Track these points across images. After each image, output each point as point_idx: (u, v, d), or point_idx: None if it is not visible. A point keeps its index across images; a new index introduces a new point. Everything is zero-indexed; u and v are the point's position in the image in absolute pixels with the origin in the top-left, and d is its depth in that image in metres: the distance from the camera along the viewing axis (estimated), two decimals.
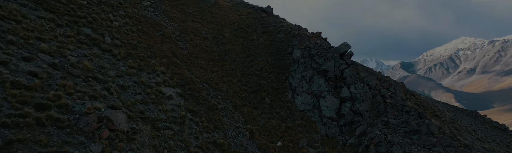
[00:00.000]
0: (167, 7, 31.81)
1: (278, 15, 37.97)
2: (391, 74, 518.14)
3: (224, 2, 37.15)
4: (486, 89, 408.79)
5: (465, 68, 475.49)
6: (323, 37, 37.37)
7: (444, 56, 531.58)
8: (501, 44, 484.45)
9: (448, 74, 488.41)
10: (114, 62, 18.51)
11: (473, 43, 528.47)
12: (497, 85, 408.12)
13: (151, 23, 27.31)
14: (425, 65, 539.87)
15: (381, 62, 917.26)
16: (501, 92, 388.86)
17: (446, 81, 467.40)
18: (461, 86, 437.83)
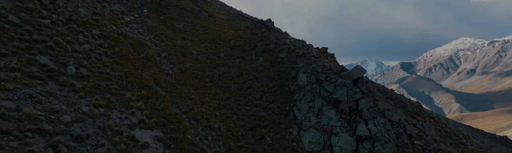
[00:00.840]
0: (154, 22, 27.53)
1: (279, 28, 33.68)
2: (391, 75, 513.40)
3: (220, 15, 32.83)
4: (486, 90, 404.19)
5: (465, 69, 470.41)
6: (329, 53, 33.03)
7: (444, 56, 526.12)
8: (501, 44, 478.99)
9: (448, 75, 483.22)
10: (74, 101, 14.28)
11: (473, 44, 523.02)
12: (497, 86, 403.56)
13: (132, 44, 23.00)
14: (425, 65, 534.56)
15: (381, 62, 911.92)
16: (501, 93, 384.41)
17: (446, 82, 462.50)
18: (461, 86, 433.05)
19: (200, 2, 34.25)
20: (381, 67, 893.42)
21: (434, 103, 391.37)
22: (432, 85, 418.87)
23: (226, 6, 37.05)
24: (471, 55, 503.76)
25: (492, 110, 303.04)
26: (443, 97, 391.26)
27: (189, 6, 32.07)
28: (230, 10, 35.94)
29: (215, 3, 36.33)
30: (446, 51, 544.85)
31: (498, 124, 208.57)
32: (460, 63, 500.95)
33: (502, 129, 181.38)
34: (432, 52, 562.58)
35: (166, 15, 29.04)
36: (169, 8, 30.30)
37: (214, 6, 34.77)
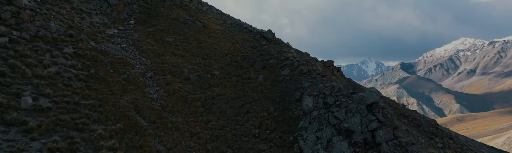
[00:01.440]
0: (141, 35, 24.27)
1: (279, 39, 30.34)
2: (391, 75, 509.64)
3: (215, 25, 29.51)
4: (487, 91, 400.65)
5: (465, 69, 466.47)
6: (335, 66, 29.74)
7: (444, 57, 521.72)
8: (501, 45, 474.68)
9: (448, 75, 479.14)
10: (21, 147, 11.15)
11: (473, 44, 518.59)
12: (498, 87, 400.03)
13: (113, 62, 19.73)
14: (425, 66, 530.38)
15: (381, 63, 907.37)
16: (502, 94, 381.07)
17: (446, 82, 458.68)
18: (461, 87, 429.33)
19: (194, 11, 30.97)
20: (381, 67, 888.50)
21: (434, 103, 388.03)
22: (432, 86, 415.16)
23: (222, 15, 33.70)
24: (471, 55, 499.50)
25: (492, 111, 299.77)
26: (443, 98, 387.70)
27: (182, 16, 28.78)
28: (227, 19, 32.60)
29: (211, 11, 33.00)
30: (446, 51, 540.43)
31: (498, 125, 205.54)
32: (460, 63, 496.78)
33: (502, 130, 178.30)
34: (432, 53, 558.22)
35: (155, 27, 25.75)
36: (159, 19, 27.04)
37: (209, 15, 31.44)
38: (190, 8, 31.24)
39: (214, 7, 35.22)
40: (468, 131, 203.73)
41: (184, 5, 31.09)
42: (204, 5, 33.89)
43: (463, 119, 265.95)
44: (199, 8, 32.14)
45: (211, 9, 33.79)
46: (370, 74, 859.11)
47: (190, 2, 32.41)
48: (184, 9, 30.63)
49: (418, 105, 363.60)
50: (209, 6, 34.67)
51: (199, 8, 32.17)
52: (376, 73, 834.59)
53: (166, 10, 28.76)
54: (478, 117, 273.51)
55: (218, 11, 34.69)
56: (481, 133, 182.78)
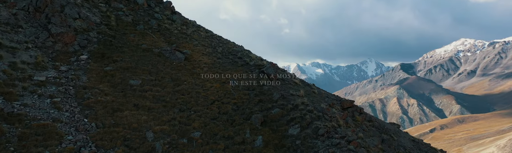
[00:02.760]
0: (93, 78, 16.86)
1: (284, 70, 22.83)
2: (391, 76, 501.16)
3: (202, 56, 21.97)
4: (487, 92, 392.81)
5: (466, 70, 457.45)
6: (357, 106, 22.40)
7: (444, 57, 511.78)
8: (501, 45, 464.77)
9: (448, 76, 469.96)
10: None
11: (473, 45, 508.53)
12: (498, 88, 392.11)
13: (26, 136, 12.38)
14: (425, 66, 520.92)
15: (381, 63, 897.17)
16: (502, 95, 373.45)
17: (447, 83, 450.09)
18: (462, 88, 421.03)
19: (176, 36, 23.49)
20: (381, 68, 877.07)
21: (434, 104, 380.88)
22: (432, 87, 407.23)
23: (212, 39, 26.19)
24: (471, 56, 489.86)
25: (493, 112, 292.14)
26: (444, 99, 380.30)
27: (158, 45, 21.26)
28: (218, 45, 25.15)
29: (198, 35, 25.45)
30: (446, 52, 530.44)
31: (499, 126, 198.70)
32: (460, 64, 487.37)
33: (504, 131, 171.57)
34: (432, 53, 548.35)
35: (117, 64, 18.29)
36: (125, 51, 19.58)
37: (195, 41, 23.95)
38: (171, 32, 23.80)
39: (202, 28, 27.80)
40: (469, 133, 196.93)
41: (163, 29, 23.63)
42: (189, 27, 26.44)
43: (464, 120, 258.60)
44: (183, 31, 24.68)
45: (198, 32, 26.32)
46: (370, 74, 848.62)
47: (171, 23, 25.01)
48: (163, 34, 23.17)
49: (418, 106, 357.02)
50: (196, 27, 27.26)
51: (183, 31, 24.73)
52: (376, 73, 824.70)
53: (137, 37, 21.28)
54: (479, 119, 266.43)
55: (207, 33, 27.24)
56: (482, 135, 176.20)
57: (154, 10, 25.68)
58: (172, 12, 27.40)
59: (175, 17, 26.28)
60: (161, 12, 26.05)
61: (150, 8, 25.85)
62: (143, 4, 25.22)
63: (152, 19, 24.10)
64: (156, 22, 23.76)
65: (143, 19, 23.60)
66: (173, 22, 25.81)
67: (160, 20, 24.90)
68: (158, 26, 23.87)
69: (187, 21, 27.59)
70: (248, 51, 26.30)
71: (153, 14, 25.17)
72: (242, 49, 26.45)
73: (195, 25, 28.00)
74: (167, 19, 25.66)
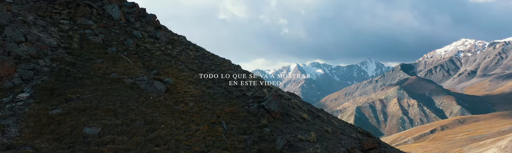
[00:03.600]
0: (31, 126, 12.32)
1: (290, 109, 18.19)
2: (391, 76, 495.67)
3: (188, 86, 17.29)
4: (488, 92, 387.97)
5: (466, 70, 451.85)
6: (379, 148, 17.92)
7: (445, 58, 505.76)
8: (501, 46, 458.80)
9: (449, 76, 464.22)
10: None
11: (473, 45, 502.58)
12: (499, 88, 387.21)
13: None
14: (425, 67, 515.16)
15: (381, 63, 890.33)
16: (502, 95, 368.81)
17: (447, 84, 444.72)
18: (462, 88, 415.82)
19: (158, 58, 18.73)
20: (381, 68, 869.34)
21: (435, 105, 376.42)
22: (433, 87, 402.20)
23: (204, 59, 21.49)
24: (472, 56, 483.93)
25: (494, 113, 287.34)
26: (444, 99, 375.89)
27: (133, 73, 16.63)
28: (210, 68, 20.49)
29: (186, 55, 20.64)
30: (446, 52, 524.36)
31: (500, 127, 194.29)
32: (460, 64, 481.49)
33: (504, 132, 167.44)
34: (433, 54, 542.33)
35: (70, 103, 13.70)
36: (86, 83, 15.04)
37: (182, 65, 19.21)
38: (152, 54, 19.18)
39: (192, 45, 23.13)
40: (469, 133, 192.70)
41: (142, 50, 19.03)
42: (176, 45, 21.78)
43: (464, 121, 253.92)
44: (167, 52, 20.01)
45: (187, 51, 21.67)
46: (370, 75, 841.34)
47: (154, 42, 20.39)
48: (142, 57, 18.56)
49: (418, 106, 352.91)
50: (184, 45, 22.61)
51: (167, 52, 20.07)
52: (376, 74, 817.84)
53: (106, 63, 16.70)
54: (479, 119, 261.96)
55: (198, 51, 22.52)
56: (483, 136, 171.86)
57: (134, 26, 21.16)
58: (156, 27, 22.89)
59: (159, 33, 21.74)
60: (142, 28, 21.53)
61: (129, 23, 21.34)
62: (120, 19, 20.71)
63: (129, 38, 19.55)
64: (134, 42, 19.18)
65: (118, 39, 19.04)
66: (157, 40, 21.28)
67: (140, 38, 20.37)
68: (136, 47, 19.30)
69: (174, 38, 22.95)
70: (246, 75, 21.79)
71: (132, 31, 20.64)
72: (238, 71, 21.91)
73: (184, 42, 23.39)
74: (149, 37, 21.12)
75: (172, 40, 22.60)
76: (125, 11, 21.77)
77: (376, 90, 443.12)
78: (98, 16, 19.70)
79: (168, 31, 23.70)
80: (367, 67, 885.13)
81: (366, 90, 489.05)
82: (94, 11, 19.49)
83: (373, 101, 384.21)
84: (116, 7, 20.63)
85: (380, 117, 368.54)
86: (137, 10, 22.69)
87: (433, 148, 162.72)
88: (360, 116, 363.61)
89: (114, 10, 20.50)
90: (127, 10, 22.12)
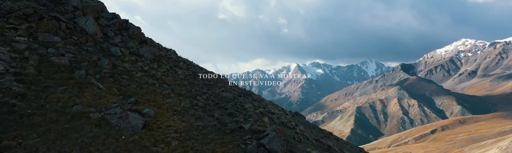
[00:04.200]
0: None
1: (297, 130, 14.86)
2: (391, 76, 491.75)
3: (171, 118, 13.73)
4: (488, 92, 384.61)
5: (466, 71, 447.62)
6: None
7: (445, 58, 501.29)
8: (502, 46, 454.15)
9: (449, 76, 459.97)
10: None
11: (474, 45, 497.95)
12: (499, 88, 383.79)
13: None
14: (425, 67, 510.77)
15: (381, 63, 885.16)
16: (503, 95, 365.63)
17: (447, 84, 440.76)
18: (462, 88, 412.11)
19: (140, 82, 15.26)
20: (381, 68, 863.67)
21: (435, 105, 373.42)
22: (433, 87, 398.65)
23: (194, 79, 17.96)
24: (472, 56, 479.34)
25: (495, 113, 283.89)
26: (444, 99, 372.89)
27: (103, 104, 13.26)
28: (201, 90, 16.97)
29: (174, 75, 16.89)
30: (447, 52, 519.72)
31: (501, 127, 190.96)
32: (461, 64, 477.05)
33: (505, 132, 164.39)
34: (433, 54, 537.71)
35: None
36: (36, 122, 11.55)
37: (167, 89, 15.44)
38: (131, 76, 15.72)
39: (182, 61, 19.60)
40: (470, 134, 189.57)
41: (119, 72, 15.60)
42: (163, 63, 18.29)
43: (465, 122, 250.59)
44: (151, 72, 16.56)
45: (175, 69, 18.17)
46: (370, 75, 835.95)
47: (136, 61, 16.90)
48: (118, 81, 15.11)
49: (419, 106, 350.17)
50: (173, 62, 19.12)
51: (151, 72, 16.62)
52: (377, 74, 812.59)
53: (68, 92, 13.33)
54: (480, 120, 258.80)
55: (188, 69, 18.98)
56: (483, 136, 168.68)
57: (112, 41, 17.75)
58: (140, 42, 19.50)
59: (143, 50, 18.34)
60: (123, 44, 18.13)
61: (107, 39, 17.95)
62: (95, 33, 17.33)
63: (104, 57, 16.17)
64: (110, 62, 15.80)
65: (90, 59, 15.66)
66: (139, 58, 17.90)
67: (119, 57, 16.97)
68: (112, 67, 15.91)
69: (161, 54, 19.48)
70: (244, 97, 18.38)
71: (109, 48, 17.26)
72: (235, 93, 18.50)
73: (173, 58, 19.95)
74: (130, 54, 17.73)
75: (159, 56, 19.19)
76: (103, 23, 18.38)
77: (377, 90, 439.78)
78: (67, 31, 16.31)
79: (154, 46, 20.31)
80: (367, 67, 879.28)
81: (366, 90, 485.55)
82: (63, 25, 16.09)
83: (373, 101, 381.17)
84: (91, 19, 17.26)
85: (380, 117, 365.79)
86: (118, 22, 19.31)
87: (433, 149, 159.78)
88: (360, 116, 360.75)
89: (88, 23, 17.13)
90: (106, 23, 18.73)
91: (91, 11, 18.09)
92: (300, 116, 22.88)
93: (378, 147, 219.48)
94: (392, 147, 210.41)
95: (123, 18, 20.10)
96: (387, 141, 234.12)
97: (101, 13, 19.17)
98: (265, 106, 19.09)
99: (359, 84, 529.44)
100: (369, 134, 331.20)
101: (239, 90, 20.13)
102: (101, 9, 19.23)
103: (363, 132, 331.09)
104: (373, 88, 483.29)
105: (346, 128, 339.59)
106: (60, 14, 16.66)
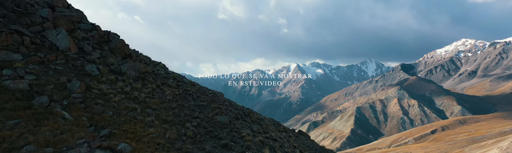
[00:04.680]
0: None
1: None
2: (391, 76, 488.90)
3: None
4: (488, 92, 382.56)
5: (466, 71, 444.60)
6: None
7: (445, 58, 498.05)
8: (502, 46, 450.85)
9: (449, 77, 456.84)
10: None
11: (474, 45, 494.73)
12: (499, 88, 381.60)
13: None
14: (425, 67, 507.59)
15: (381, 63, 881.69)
16: (503, 95, 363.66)
17: (447, 84, 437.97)
18: (462, 88, 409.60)
19: (117, 107, 12.35)
20: (381, 68, 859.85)
21: (435, 105, 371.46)
22: (433, 87, 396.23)
23: (185, 99, 14.94)
24: (472, 56, 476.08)
25: (495, 113, 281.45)
26: (445, 100, 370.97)
27: (65, 141, 10.38)
28: (192, 114, 14.05)
29: (160, 96, 13.84)
30: (447, 52, 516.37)
31: (501, 127, 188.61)
32: (461, 64, 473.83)
33: (506, 133, 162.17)
34: (433, 54, 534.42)
35: None
36: None
37: (149, 116, 12.39)
38: (108, 100, 12.95)
39: (172, 77, 16.84)
40: (470, 134, 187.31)
41: (93, 96, 12.85)
42: (150, 81, 15.52)
43: (465, 122, 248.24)
44: (132, 95, 13.70)
45: (162, 88, 15.41)
46: (370, 75, 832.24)
47: (115, 81, 14.02)
48: (90, 107, 12.34)
49: (419, 107, 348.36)
50: (161, 79, 16.36)
51: (133, 94, 13.78)
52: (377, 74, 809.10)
53: (22, 127, 10.47)
54: (480, 120, 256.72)
55: (179, 87, 16.14)
56: (484, 136, 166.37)
57: (89, 57, 15.05)
58: (124, 56, 16.80)
59: (125, 66, 15.62)
60: (102, 60, 15.43)
61: (83, 54, 15.26)
62: (68, 49, 14.64)
63: (76, 78, 13.50)
64: (81, 84, 13.13)
65: (57, 81, 12.98)
66: (121, 76, 15.21)
67: (95, 76, 14.30)
68: (85, 90, 13.24)
69: (147, 71, 16.71)
70: (242, 119, 15.71)
71: (85, 66, 14.57)
72: (231, 116, 15.81)
73: (161, 74, 17.19)
74: (109, 72, 15.04)
75: (144, 73, 16.49)
76: (79, 36, 15.71)
77: (376, 90, 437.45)
78: (32, 47, 13.64)
79: (141, 60, 17.62)
80: (367, 67, 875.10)
81: (366, 90, 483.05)
82: (27, 40, 13.41)
83: (373, 101, 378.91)
84: (63, 32, 14.58)
85: (380, 117, 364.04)
86: (98, 34, 16.62)
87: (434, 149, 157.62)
88: (360, 116, 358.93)
89: (60, 37, 14.45)
90: (83, 35, 16.05)
91: (65, 22, 15.41)
92: (305, 136, 20.31)
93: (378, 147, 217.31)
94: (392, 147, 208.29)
95: (104, 30, 17.43)
96: (387, 141, 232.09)
97: (78, 24, 16.51)
98: (266, 130, 16.45)
99: (359, 84, 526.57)
100: (369, 134, 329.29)
101: (236, 110, 17.46)
102: (78, 20, 16.56)
103: (363, 132, 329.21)
104: (373, 88, 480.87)
105: (346, 128, 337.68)
106: (25, 26, 13.98)
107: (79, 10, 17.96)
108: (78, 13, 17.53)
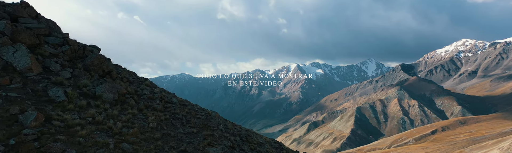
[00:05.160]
0: None
1: None
2: (392, 77, 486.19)
3: None
4: (488, 93, 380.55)
5: (466, 71, 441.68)
6: None
7: (445, 58, 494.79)
8: (502, 46, 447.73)
9: (449, 77, 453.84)
10: None
11: (474, 45, 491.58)
12: (500, 89, 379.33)
13: None
14: (426, 67, 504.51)
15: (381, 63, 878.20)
16: (503, 96, 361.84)
17: (447, 84, 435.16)
18: (463, 89, 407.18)
19: (84, 144, 9.83)
20: (381, 68, 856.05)
21: (435, 105, 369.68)
22: (433, 87, 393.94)
23: (171, 127, 12.33)
24: (472, 56, 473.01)
25: (495, 114, 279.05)
26: (445, 100, 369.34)
27: None
28: (177, 147, 11.65)
29: (141, 123, 11.15)
30: (447, 52, 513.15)
31: (502, 128, 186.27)
32: (461, 64, 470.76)
33: (506, 133, 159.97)
34: (433, 54, 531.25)
35: None
36: None
37: (127, 151, 10.42)
38: (72, 134, 10.09)
39: (158, 98, 13.92)
40: (471, 135, 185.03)
41: (50, 132, 10.07)
42: (130, 105, 12.59)
43: (465, 122, 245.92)
44: (105, 125, 10.91)
45: (145, 113, 12.49)
46: (370, 75, 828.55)
47: (85, 108, 11.39)
48: (45, 147, 9.80)
49: (419, 107, 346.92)
50: (146, 100, 13.53)
51: (106, 125, 11.09)
52: (377, 74, 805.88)
53: None
54: (480, 120, 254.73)
55: (165, 110, 13.30)
56: (484, 137, 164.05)
57: (55, 79, 12.37)
58: (103, 74, 14.12)
59: (101, 88, 12.91)
60: (73, 80, 12.75)
61: (48, 75, 12.58)
62: (29, 69, 11.99)
63: (33, 107, 10.85)
64: (38, 115, 10.47)
65: (5, 113, 10.33)
66: (95, 100, 12.54)
67: (59, 103, 11.62)
68: (43, 124, 10.55)
69: (128, 91, 13.94)
70: (239, 148, 13.07)
71: (47, 90, 11.94)
72: (227, 144, 13.12)
73: (145, 95, 14.48)
74: (80, 96, 12.37)
75: (124, 95, 13.79)
76: (45, 53, 13.02)
77: (377, 90, 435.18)
78: None
79: (122, 78, 14.89)
80: (367, 67, 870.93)
81: (367, 90, 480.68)
82: None
83: (373, 102, 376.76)
84: (22, 49, 11.89)
85: (380, 117, 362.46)
86: (71, 49, 13.90)
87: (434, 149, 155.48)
88: (360, 116, 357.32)
89: (17, 55, 11.78)
90: (51, 51, 13.34)
91: (27, 36, 12.72)
92: None
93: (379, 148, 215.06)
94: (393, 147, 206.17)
95: (81, 43, 14.75)
96: (388, 142, 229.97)
97: (46, 37, 13.84)
98: None
99: (359, 84, 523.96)
100: (369, 135, 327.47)
101: (233, 136, 14.73)
102: (46, 32, 13.85)
103: (363, 133, 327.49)
104: (373, 88, 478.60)
105: (346, 128, 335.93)
106: None
107: (50, 20, 15.25)
108: (49, 23, 14.84)
